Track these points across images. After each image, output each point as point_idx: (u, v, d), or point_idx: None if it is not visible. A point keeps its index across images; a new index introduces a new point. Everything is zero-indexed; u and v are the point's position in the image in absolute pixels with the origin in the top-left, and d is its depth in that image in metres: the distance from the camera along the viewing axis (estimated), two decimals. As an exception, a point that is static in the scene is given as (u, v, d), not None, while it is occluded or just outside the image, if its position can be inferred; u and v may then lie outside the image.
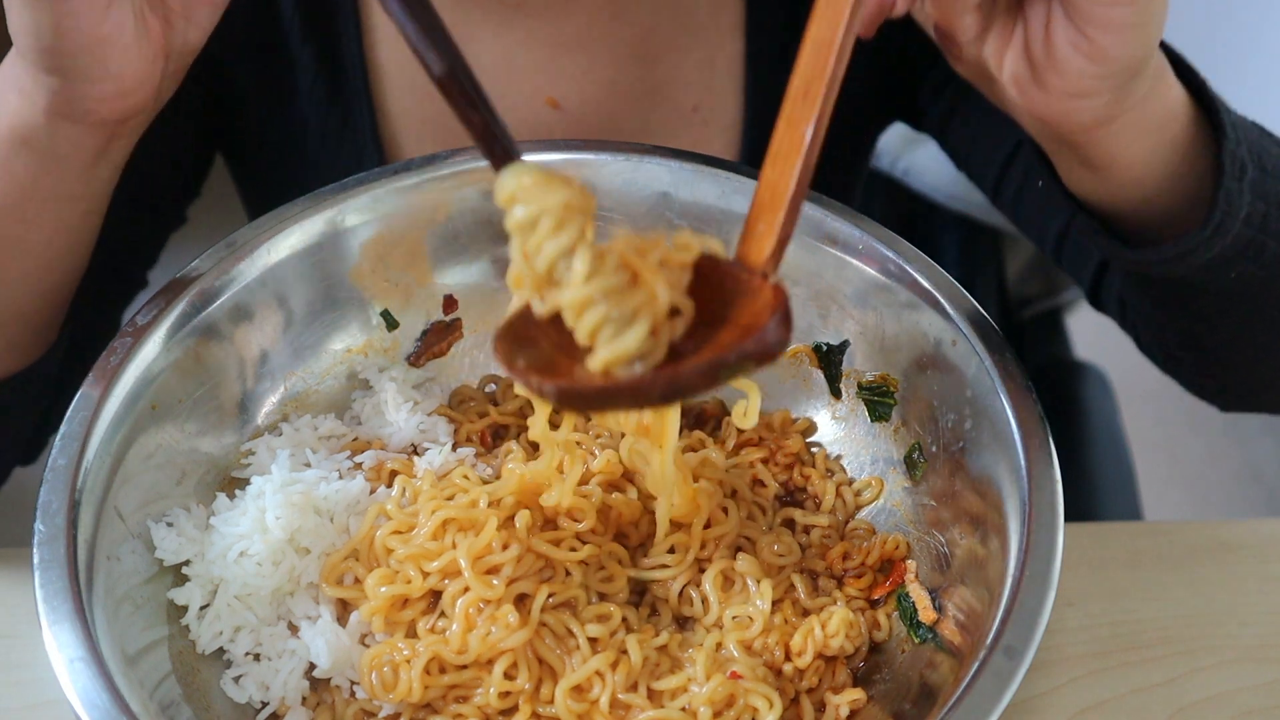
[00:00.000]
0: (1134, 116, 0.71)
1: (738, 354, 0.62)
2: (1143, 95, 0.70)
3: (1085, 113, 0.69)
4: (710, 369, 0.62)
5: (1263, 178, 0.78)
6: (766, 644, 0.76)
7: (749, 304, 0.66)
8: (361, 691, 0.75)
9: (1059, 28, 0.65)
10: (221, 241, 0.84)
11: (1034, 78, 0.68)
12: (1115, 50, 0.65)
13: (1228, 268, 0.79)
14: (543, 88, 1.00)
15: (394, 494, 0.80)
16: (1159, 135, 0.74)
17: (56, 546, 0.69)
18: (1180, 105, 0.75)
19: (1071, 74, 0.66)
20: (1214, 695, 0.84)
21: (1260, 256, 0.79)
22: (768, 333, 0.63)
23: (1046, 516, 0.70)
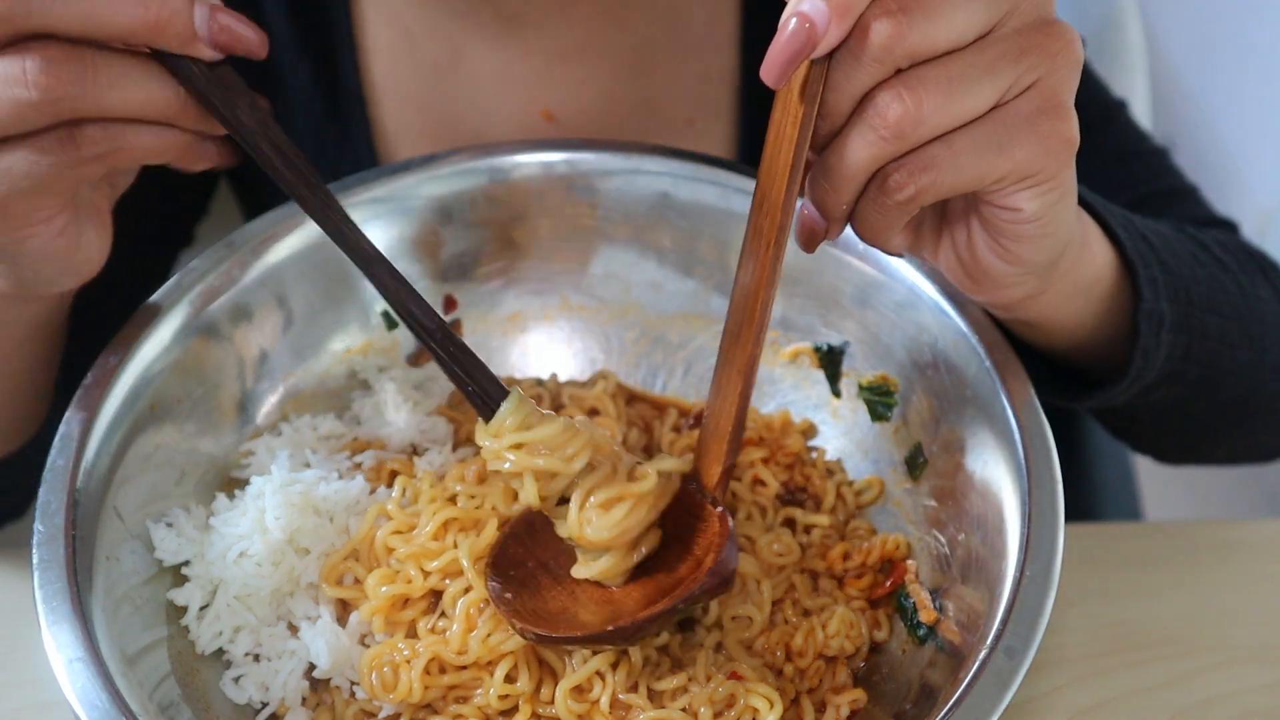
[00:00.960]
0: (1060, 287, 0.75)
1: (686, 599, 0.70)
2: (1066, 270, 0.74)
3: (1013, 296, 0.73)
4: (664, 615, 0.70)
5: (1187, 312, 0.83)
6: (767, 644, 0.76)
7: (702, 532, 0.73)
8: (361, 692, 0.75)
9: (978, 238, 0.69)
10: (221, 241, 0.84)
11: (965, 274, 0.72)
12: (1030, 255, 0.69)
13: (1151, 395, 0.84)
14: (538, 100, 1.00)
15: (394, 494, 0.80)
16: (1086, 297, 0.79)
17: (55, 547, 0.69)
18: (1105, 267, 0.80)
19: (994, 273, 0.70)
20: (1215, 696, 0.84)
21: (1183, 379, 0.85)
22: (714, 574, 0.70)
23: (1046, 516, 0.70)
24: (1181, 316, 0.83)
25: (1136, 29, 1.34)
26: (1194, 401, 0.89)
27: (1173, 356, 0.83)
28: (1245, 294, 0.91)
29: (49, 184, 0.67)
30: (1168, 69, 2.13)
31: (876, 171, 0.63)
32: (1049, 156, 0.63)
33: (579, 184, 0.89)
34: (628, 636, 0.70)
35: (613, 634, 0.70)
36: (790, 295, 0.88)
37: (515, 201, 0.89)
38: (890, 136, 0.61)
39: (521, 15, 0.97)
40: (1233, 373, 0.89)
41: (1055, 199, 0.66)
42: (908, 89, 0.60)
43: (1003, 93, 0.62)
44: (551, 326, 0.93)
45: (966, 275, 0.72)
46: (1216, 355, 0.86)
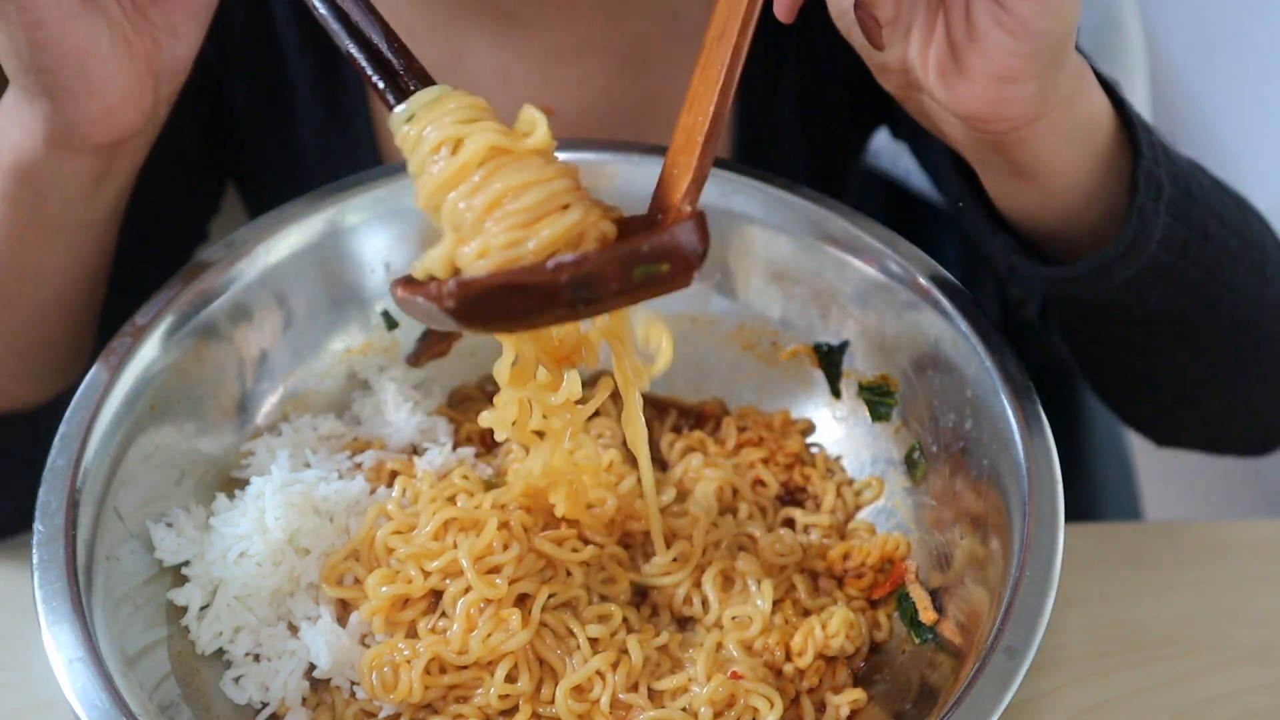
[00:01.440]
0: (1059, 117, 0.71)
1: (651, 244, 0.61)
2: (1067, 94, 0.71)
3: (1012, 104, 0.69)
4: (623, 258, 0.61)
5: (1186, 202, 0.79)
6: (767, 644, 0.76)
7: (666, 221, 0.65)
8: (361, 692, 0.75)
9: (978, 5, 0.66)
10: (221, 241, 0.84)
11: (958, 64, 0.69)
12: (1035, 22, 0.66)
13: (1147, 291, 0.79)
14: (537, 96, 1.00)
15: (394, 494, 0.80)
16: (1085, 142, 0.75)
17: (55, 547, 0.69)
18: (1104, 115, 0.76)
19: (994, 52, 0.67)
20: (1215, 696, 0.84)
21: (1181, 283, 0.80)
22: (680, 230, 0.62)
23: (1046, 516, 0.70)
24: (1181, 204, 0.78)
25: (1136, 29, 1.34)
26: (1192, 316, 0.83)
27: (1170, 247, 0.78)
28: (1243, 216, 0.87)
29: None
30: (1168, 69, 2.12)
31: None
32: None
33: (579, 184, 0.89)
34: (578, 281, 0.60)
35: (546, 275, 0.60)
36: (790, 295, 0.88)
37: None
38: None
39: (520, 14, 0.97)
40: (1233, 290, 0.83)
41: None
42: None
43: None
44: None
45: (959, 63, 0.68)
46: (1216, 262, 0.81)
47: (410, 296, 0.63)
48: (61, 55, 0.71)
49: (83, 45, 0.71)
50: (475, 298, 0.61)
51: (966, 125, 0.71)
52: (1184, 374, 0.92)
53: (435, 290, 0.61)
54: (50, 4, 0.69)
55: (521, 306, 0.61)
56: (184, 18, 0.76)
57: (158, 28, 0.75)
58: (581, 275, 0.60)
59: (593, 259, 0.61)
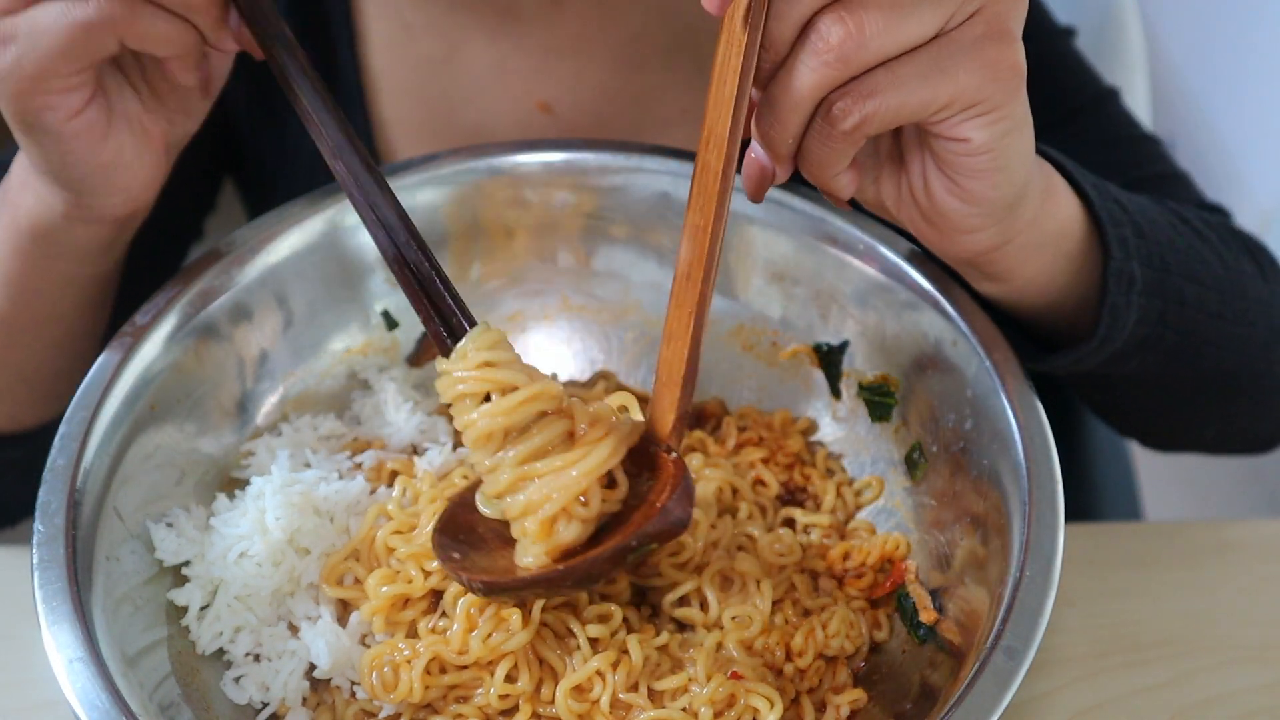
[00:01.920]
0: (1026, 239, 0.74)
1: (638, 537, 0.68)
2: (1030, 219, 0.73)
3: (976, 244, 0.72)
4: (616, 555, 0.68)
5: (1161, 278, 0.82)
6: (767, 644, 0.76)
7: (657, 479, 0.72)
8: (362, 692, 0.75)
9: (933, 177, 0.69)
10: (221, 240, 0.84)
11: (925, 220, 0.72)
12: (985, 193, 0.69)
13: (1127, 360, 0.83)
14: (534, 92, 1.00)
15: (395, 494, 0.80)
16: (1054, 251, 0.78)
17: (55, 547, 0.69)
18: (1073, 221, 0.79)
19: (952, 216, 0.70)
20: (1214, 696, 0.84)
21: (1159, 346, 0.83)
22: (668, 513, 0.68)
23: (1046, 516, 0.70)
24: (1155, 281, 0.81)
25: (1136, 28, 1.34)
26: (1175, 372, 0.87)
27: (1146, 321, 0.81)
28: (1227, 266, 0.90)
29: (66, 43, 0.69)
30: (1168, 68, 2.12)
31: (821, 102, 0.63)
32: (995, 84, 0.63)
33: (579, 183, 0.89)
34: (579, 578, 0.69)
35: (563, 574, 0.68)
36: (790, 295, 0.88)
37: (515, 201, 0.89)
38: (834, 61, 0.61)
39: (517, 9, 0.97)
40: (1214, 343, 0.87)
41: (1005, 129, 0.65)
42: (850, 13, 0.60)
43: (946, 19, 0.62)
44: (551, 326, 0.93)
45: (926, 221, 0.71)
46: (1195, 323, 0.85)
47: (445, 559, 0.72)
48: (92, 169, 0.75)
49: (110, 160, 0.75)
50: (497, 590, 0.70)
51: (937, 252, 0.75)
52: (1174, 415, 0.96)
53: (467, 580, 0.70)
54: (83, 135, 0.73)
55: (533, 593, 0.71)
56: (198, 97, 0.80)
57: (173, 110, 0.79)
58: (583, 573, 0.69)
59: (590, 561, 0.68)
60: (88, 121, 0.73)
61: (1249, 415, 0.98)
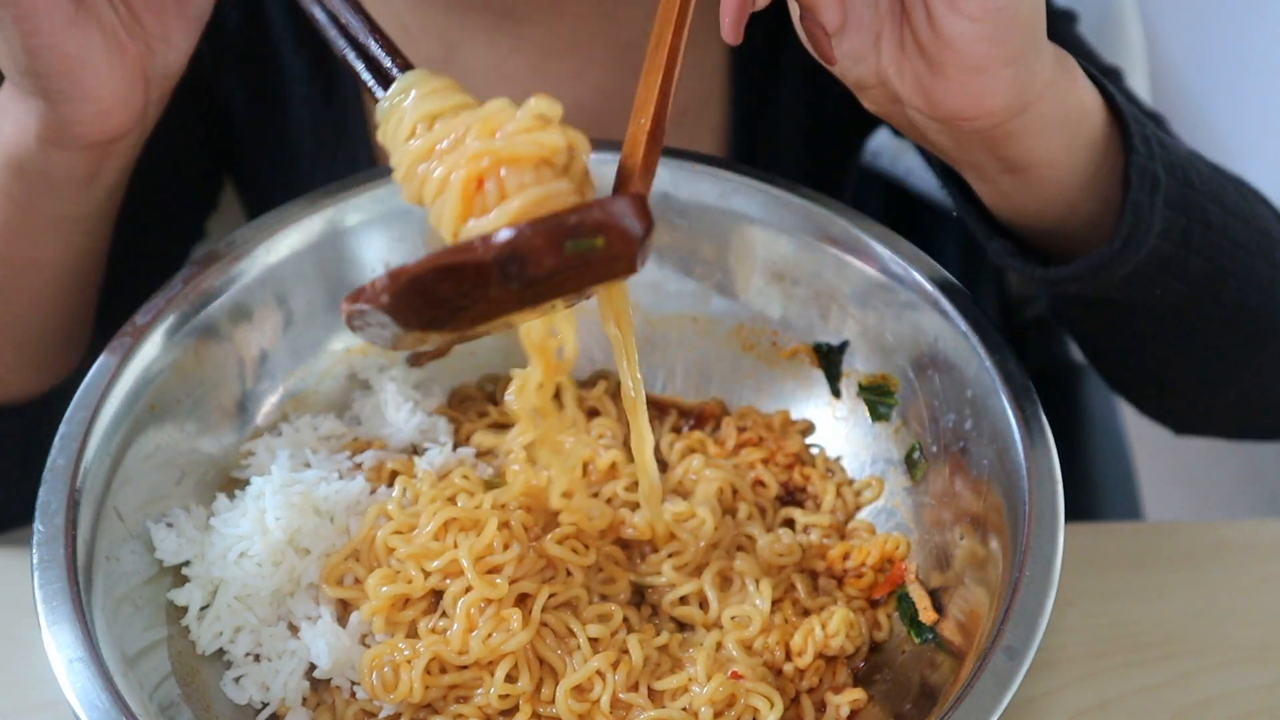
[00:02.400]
0: (1044, 108, 0.71)
1: (580, 215, 0.58)
2: (1048, 82, 0.70)
3: (991, 95, 0.68)
4: (550, 231, 0.58)
5: (1184, 192, 0.77)
6: (767, 644, 0.76)
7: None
8: (362, 692, 0.75)
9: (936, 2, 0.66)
10: (221, 241, 0.84)
11: (930, 67, 0.68)
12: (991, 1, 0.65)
13: (1150, 284, 0.78)
14: (532, 93, 1.00)
15: (395, 494, 0.80)
16: (1074, 133, 0.74)
17: (55, 547, 0.69)
18: (1093, 106, 0.75)
19: (961, 43, 0.66)
20: (1215, 696, 0.84)
21: (1184, 273, 0.79)
22: (611, 202, 0.60)
23: (1046, 516, 0.70)
24: (1179, 194, 0.77)
25: (1136, 28, 1.34)
26: (1197, 305, 0.82)
27: (1170, 238, 0.77)
28: (1246, 200, 0.86)
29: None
30: (1168, 69, 2.13)
31: None
32: None
33: (579, 184, 0.89)
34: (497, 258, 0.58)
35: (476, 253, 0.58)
36: (790, 295, 0.88)
37: (515, 201, 0.89)
38: None
39: (515, 11, 0.97)
40: (1238, 276, 0.82)
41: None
42: None
43: None
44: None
45: (935, 72, 0.68)
46: (1220, 250, 0.80)
47: (352, 306, 0.61)
48: (56, 61, 0.72)
49: (77, 53, 0.72)
50: (407, 288, 0.59)
51: (951, 127, 0.71)
52: (1195, 364, 0.90)
53: (370, 290, 0.59)
54: (45, 13, 0.70)
55: (455, 291, 0.59)
56: (177, 25, 0.77)
57: (151, 34, 0.76)
58: (508, 250, 0.57)
59: (518, 233, 0.57)
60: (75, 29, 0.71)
61: (1272, 370, 0.92)
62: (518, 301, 0.60)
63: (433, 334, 0.63)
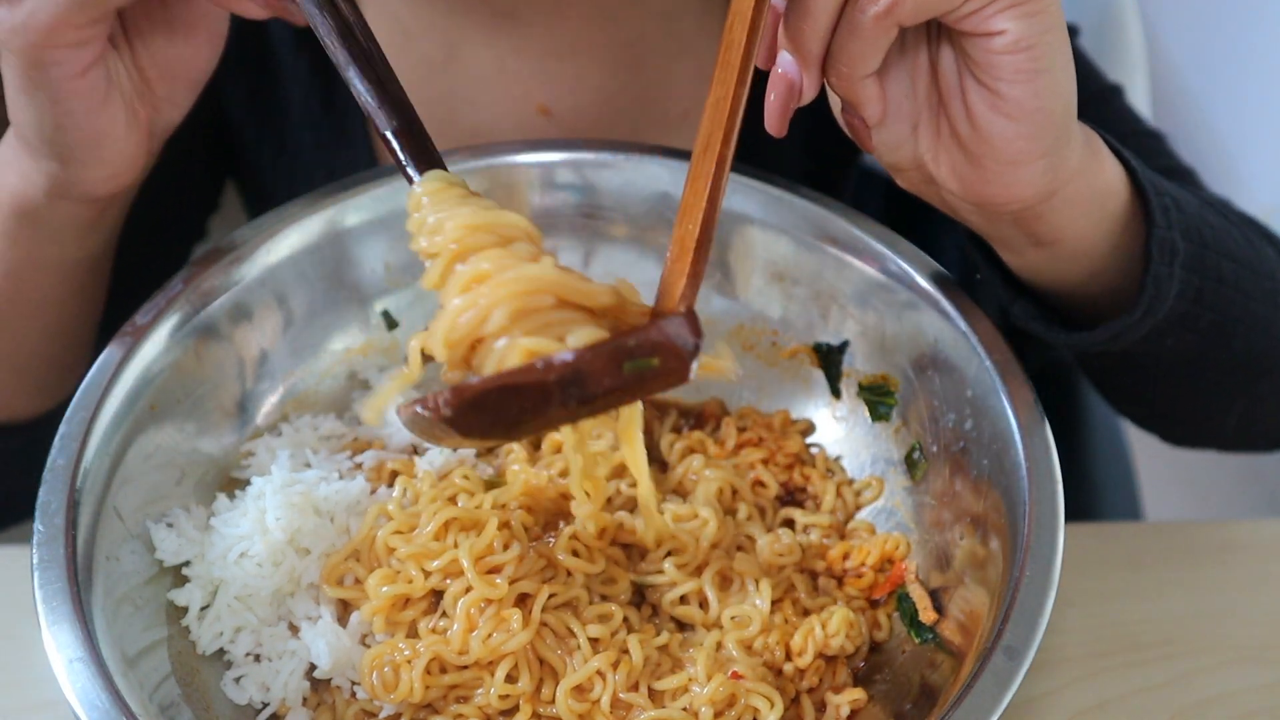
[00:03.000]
0: (1073, 191, 0.73)
1: (638, 339, 0.61)
2: (1078, 167, 0.73)
3: (1024, 186, 0.71)
4: (610, 353, 0.60)
5: (1200, 253, 0.81)
6: (767, 643, 0.76)
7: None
8: (362, 692, 0.75)
9: (974, 96, 0.68)
10: (221, 241, 0.84)
11: (969, 160, 0.70)
12: (1029, 102, 0.67)
13: (1162, 339, 0.81)
14: (534, 94, 1.00)
15: (395, 494, 0.80)
16: (1101, 209, 0.77)
17: (55, 547, 0.69)
18: (1118, 183, 0.78)
19: (998, 139, 0.69)
20: (1215, 696, 0.84)
21: (1195, 326, 0.82)
22: (668, 324, 0.62)
23: (1046, 516, 0.70)
24: (1195, 256, 0.80)
25: (1136, 28, 1.34)
26: (1207, 353, 0.86)
27: (1185, 296, 0.80)
28: (1253, 246, 0.89)
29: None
30: (1168, 68, 2.12)
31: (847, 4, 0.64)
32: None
33: (579, 184, 0.89)
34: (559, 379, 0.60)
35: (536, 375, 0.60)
36: (790, 295, 0.88)
37: (515, 201, 0.89)
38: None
39: (516, 12, 0.97)
40: (1245, 322, 0.86)
41: (1042, 25, 0.65)
42: None
43: None
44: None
45: (971, 162, 0.70)
46: (1230, 302, 0.84)
47: (412, 411, 0.64)
48: (83, 136, 0.75)
49: (103, 128, 0.75)
50: (470, 404, 0.61)
51: (984, 210, 0.73)
52: (1200, 399, 0.94)
53: (432, 401, 0.62)
54: (83, 96, 0.73)
55: (517, 408, 0.61)
56: (184, 88, 0.80)
57: (159, 97, 0.79)
58: (570, 373, 0.60)
59: (579, 356, 0.60)
60: (91, 83, 0.74)
61: (1274, 399, 0.96)
62: (573, 415, 0.63)
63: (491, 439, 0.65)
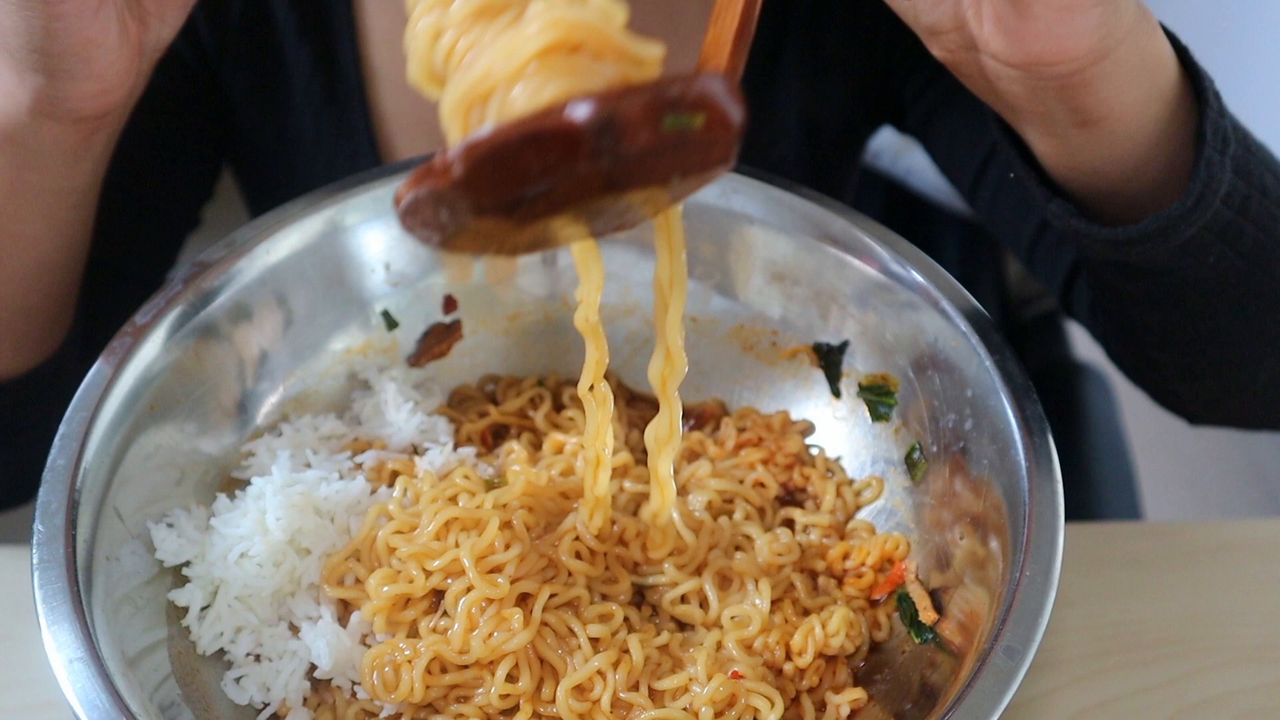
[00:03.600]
0: (1124, 55, 0.69)
1: (682, 85, 0.52)
2: (1130, 28, 0.69)
3: (1078, 37, 0.66)
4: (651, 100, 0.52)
5: (1247, 156, 0.77)
6: (767, 643, 0.76)
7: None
8: (363, 692, 0.75)
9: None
10: (221, 240, 0.84)
11: (1018, 11, 0.66)
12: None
13: (1205, 252, 0.77)
14: None
15: (396, 494, 0.80)
16: (1150, 84, 0.72)
17: (55, 547, 0.69)
18: (1169, 57, 0.74)
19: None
20: (1214, 696, 0.84)
21: (1238, 242, 0.78)
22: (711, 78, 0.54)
23: (1046, 516, 0.70)
24: (1242, 159, 0.76)
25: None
26: (1247, 279, 0.80)
27: (1231, 203, 0.75)
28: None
29: None
30: (1167, 69, 2.12)
31: None
32: None
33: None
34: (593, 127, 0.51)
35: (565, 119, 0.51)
36: (790, 295, 0.88)
37: (515, 201, 0.89)
38: None
39: None
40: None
41: None
42: None
43: None
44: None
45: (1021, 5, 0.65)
46: (1274, 221, 0.79)
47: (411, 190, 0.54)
48: (73, 45, 0.72)
49: (95, 36, 0.72)
50: (487, 157, 0.52)
51: (1029, 74, 0.68)
52: (1231, 340, 0.88)
53: (440, 164, 0.52)
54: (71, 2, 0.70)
55: (539, 165, 0.52)
56: (173, 2, 0.77)
57: (148, 11, 0.77)
58: (604, 116, 0.50)
59: (615, 97, 0.51)
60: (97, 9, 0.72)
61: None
62: (601, 186, 0.53)
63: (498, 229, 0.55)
